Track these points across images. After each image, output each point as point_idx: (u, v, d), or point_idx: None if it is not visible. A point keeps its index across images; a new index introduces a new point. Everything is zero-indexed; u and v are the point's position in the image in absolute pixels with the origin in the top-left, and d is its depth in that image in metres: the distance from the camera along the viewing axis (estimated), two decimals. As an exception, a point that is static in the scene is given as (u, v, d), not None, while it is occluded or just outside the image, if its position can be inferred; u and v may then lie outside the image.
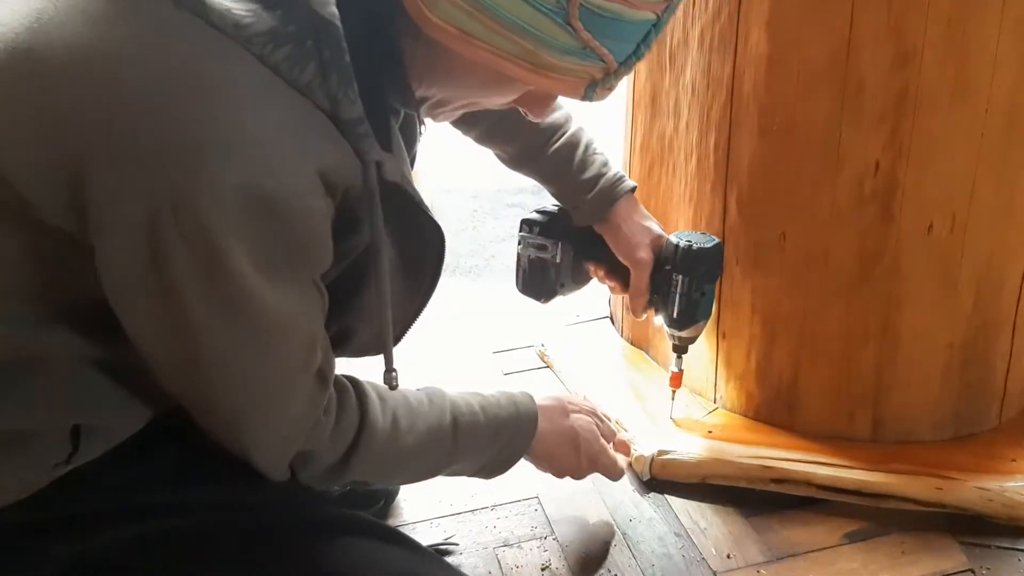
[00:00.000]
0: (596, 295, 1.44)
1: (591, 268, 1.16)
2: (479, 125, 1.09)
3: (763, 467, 1.14)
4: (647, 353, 1.39)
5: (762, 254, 1.15)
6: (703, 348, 1.25)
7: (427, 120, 0.85)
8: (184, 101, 0.62)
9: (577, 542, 1.09)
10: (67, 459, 0.73)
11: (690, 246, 1.09)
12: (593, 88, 0.74)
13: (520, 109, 0.82)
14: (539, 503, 1.15)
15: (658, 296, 1.12)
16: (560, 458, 1.04)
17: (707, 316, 1.14)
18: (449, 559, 1.06)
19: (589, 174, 1.11)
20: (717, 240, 1.12)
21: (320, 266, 0.73)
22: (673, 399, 1.22)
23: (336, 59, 0.67)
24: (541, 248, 1.14)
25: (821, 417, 1.19)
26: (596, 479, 1.18)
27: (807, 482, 1.13)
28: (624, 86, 1.34)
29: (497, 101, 0.80)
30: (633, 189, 1.13)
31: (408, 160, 0.87)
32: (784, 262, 1.14)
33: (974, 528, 1.08)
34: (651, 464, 1.17)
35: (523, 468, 1.20)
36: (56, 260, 0.67)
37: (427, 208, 0.83)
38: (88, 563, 0.74)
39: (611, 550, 1.08)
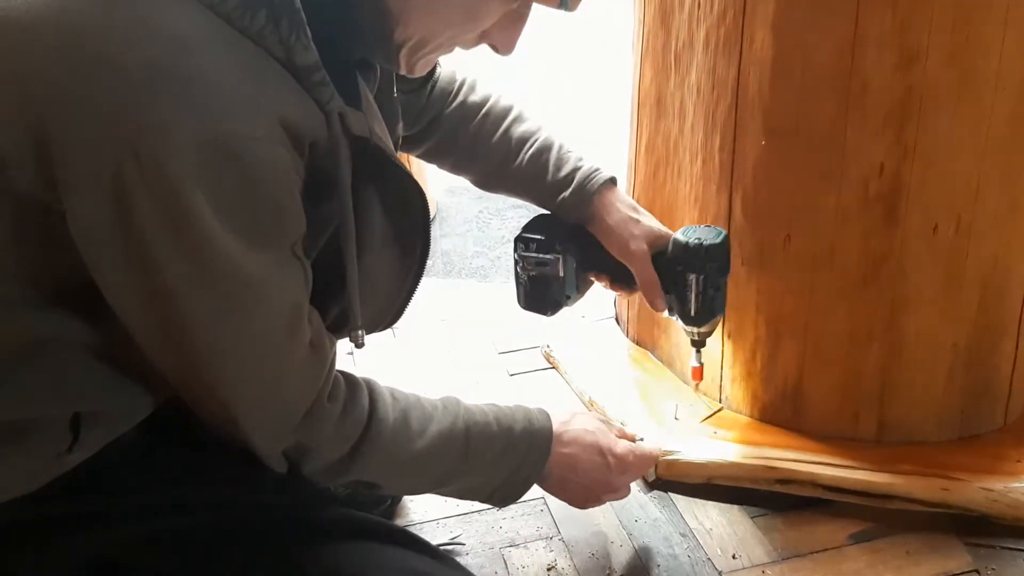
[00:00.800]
0: (601, 296, 1.45)
1: (593, 276, 1.15)
2: (452, 153, 1.10)
3: (768, 467, 1.14)
4: (652, 353, 1.39)
5: (767, 255, 1.15)
6: (709, 348, 1.26)
7: (406, 76, 0.83)
8: (137, 51, 0.62)
9: (583, 542, 1.09)
10: (68, 448, 0.73)
11: (700, 243, 1.06)
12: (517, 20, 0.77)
13: (491, 46, 0.81)
14: (545, 503, 1.15)
15: (673, 296, 1.09)
16: (577, 486, 1.00)
17: (723, 309, 1.12)
18: (454, 558, 1.06)
19: (565, 171, 1.09)
20: (724, 232, 1.08)
21: (293, 231, 0.72)
22: (696, 391, 1.26)
23: (286, 4, 0.67)
24: (542, 264, 1.11)
25: (826, 418, 1.19)
26: (602, 479, 1.19)
27: (812, 483, 1.13)
28: (629, 88, 1.34)
29: (473, 32, 0.79)
30: (612, 180, 1.10)
31: (383, 123, 0.85)
32: (789, 263, 1.14)
33: (979, 529, 1.08)
34: (657, 464, 1.17)
35: (529, 468, 1.21)
36: (42, 239, 0.67)
37: (404, 166, 0.82)
38: (101, 562, 0.74)
39: (617, 551, 1.08)
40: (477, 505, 1.14)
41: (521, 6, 0.78)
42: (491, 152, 1.10)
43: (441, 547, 1.06)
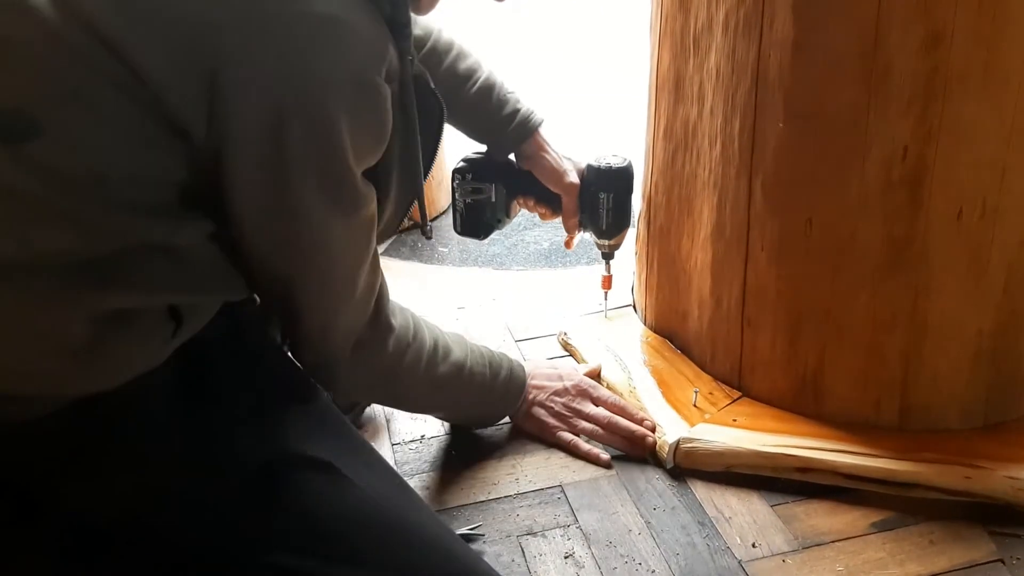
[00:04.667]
0: (620, 283, 1.44)
1: (520, 201, 1.33)
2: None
3: (788, 455, 1.13)
4: (671, 341, 1.38)
5: (788, 240, 1.14)
6: (728, 335, 1.25)
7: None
8: (300, 6, 0.75)
9: (600, 531, 1.09)
10: (173, 333, 0.82)
11: (610, 167, 1.28)
12: None
13: None
14: (562, 492, 1.15)
15: (586, 215, 1.30)
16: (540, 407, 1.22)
17: (629, 224, 1.33)
18: (473, 546, 1.06)
19: (507, 110, 1.25)
20: (629, 159, 1.30)
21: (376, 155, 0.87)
22: (606, 299, 1.44)
23: None
24: (477, 192, 1.28)
25: (847, 405, 1.18)
26: (620, 469, 1.18)
27: (833, 471, 1.12)
28: (647, 71, 1.32)
29: None
30: (542, 122, 1.27)
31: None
32: (810, 249, 1.12)
33: (1003, 518, 1.06)
34: (675, 452, 1.16)
35: (546, 458, 1.20)
36: (174, 152, 0.76)
37: (437, 91, 0.98)
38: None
39: (635, 539, 1.07)
40: (495, 494, 1.14)
41: None
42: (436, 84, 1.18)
43: (461, 536, 1.06)
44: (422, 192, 0.98)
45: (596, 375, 1.32)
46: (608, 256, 1.37)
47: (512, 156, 1.28)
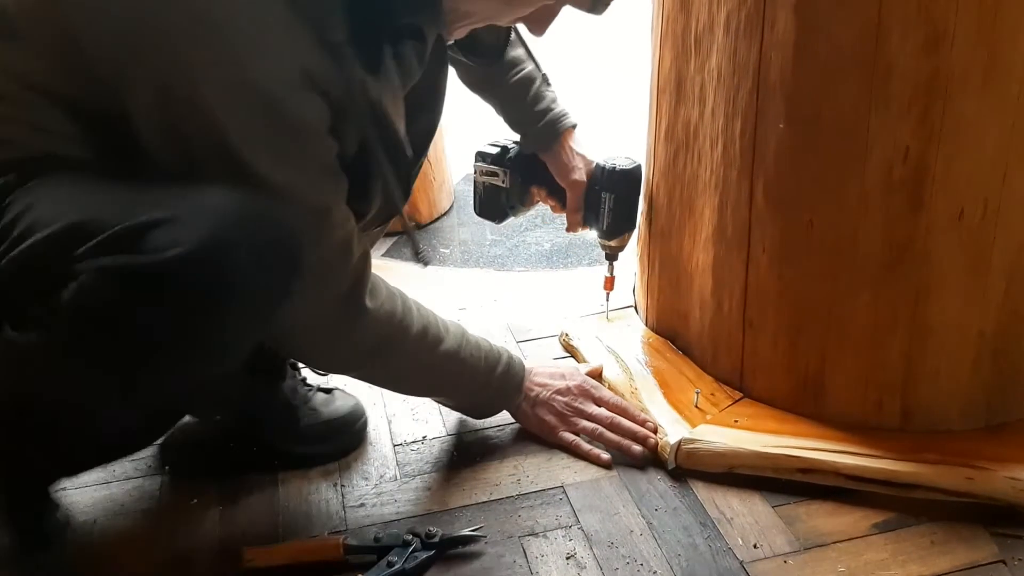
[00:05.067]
0: (621, 284, 1.44)
1: (535, 191, 1.35)
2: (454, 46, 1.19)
3: (790, 456, 1.13)
4: (672, 342, 1.38)
5: (789, 242, 1.14)
6: (729, 336, 1.25)
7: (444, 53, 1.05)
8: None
9: (602, 532, 1.09)
10: None
11: (615, 167, 1.29)
12: (599, 2, 0.94)
13: (525, 26, 0.99)
14: (564, 492, 1.15)
15: (591, 213, 1.32)
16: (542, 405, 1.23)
17: (632, 227, 1.35)
18: (474, 547, 1.06)
19: (540, 107, 1.29)
20: (637, 162, 1.31)
21: (321, 154, 0.92)
22: (607, 300, 1.43)
23: None
24: (492, 175, 1.32)
25: (849, 406, 1.18)
26: (621, 470, 1.18)
27: (835, 471, 1.12)
28: (648, 73, 1.32)
29: (514, 16, 0.97)
30: (575, 126, 1.32)
31: (401, 90, 1.01)
32: (811, 250, 1.12)
33: (1005, 519, 1.06)
34: (677, 453, 1.16)
35: (548, 459, 1.20)
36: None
37: (400, 138, 0.99)
38: None
39: (636, 540, 1.07)
40: (496, 495, 1.14)
41: (556, 4, 0.95)
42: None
43: (461, 537, 1.06)
44: (399, 207, 1.00)
45: (598, 375, 1.32)
46: (611, 257, 1.39)
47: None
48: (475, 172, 1.34)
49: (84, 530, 1.10)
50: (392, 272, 1.73)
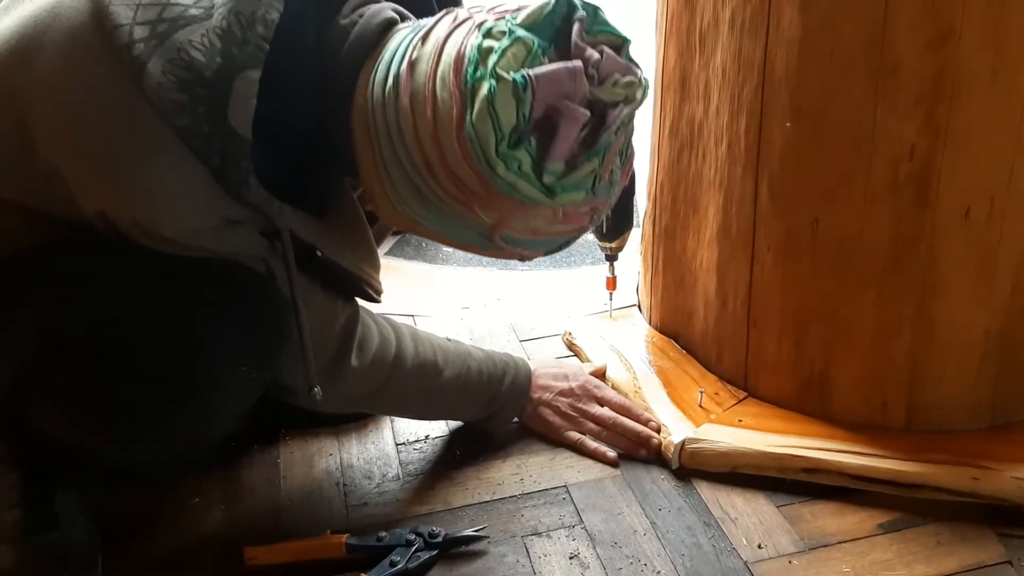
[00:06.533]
0: (624, 283, 1.43)
1: None
2: None
3: (794, 456, 1.13)
4: (676, 341, 1.37)
5: (794, 240, 1.13)
6: (734, 336, 1.24)
7: None
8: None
9: (605, 531, 1.08)
10: None
11: None
12: (526, 259, 0.94)
13: None
14: (567, 492, 1.14)
15: None
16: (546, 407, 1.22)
17: (630, 227, 1.33)
18: (477, 547, 1.06)
19: None
20: None
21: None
22: (611, 300, 1.42)
23: (234, 161, 0.80)
24: None
25: (854, 406, 1.17)
26: (625, 469, 1.17)
27: (839, 471, 1.11)
28: (652, 70, 1.32)
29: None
30: None
31: (359, 224, 1.01)
32: (816, 248, 1.12)
33: (1012, 519, 1.06)
34: (680, 453, 1.16)
35: (551, 458, 1.20)
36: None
37: (350, 273, 0.99)
38: None
39: (640, 539, 1.07)
40: (499, 494, 1.14)
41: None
42: None
43: (464, 537, 1.06)
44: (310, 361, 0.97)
45: (601, 375, 1.31)
46: (611, 258, 1.37)
47: None
48: None
49: (86, 529, 1.10)
50: (396, 272, 1.73)
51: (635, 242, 1.41)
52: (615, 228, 1.31)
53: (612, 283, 1.40)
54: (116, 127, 0.79)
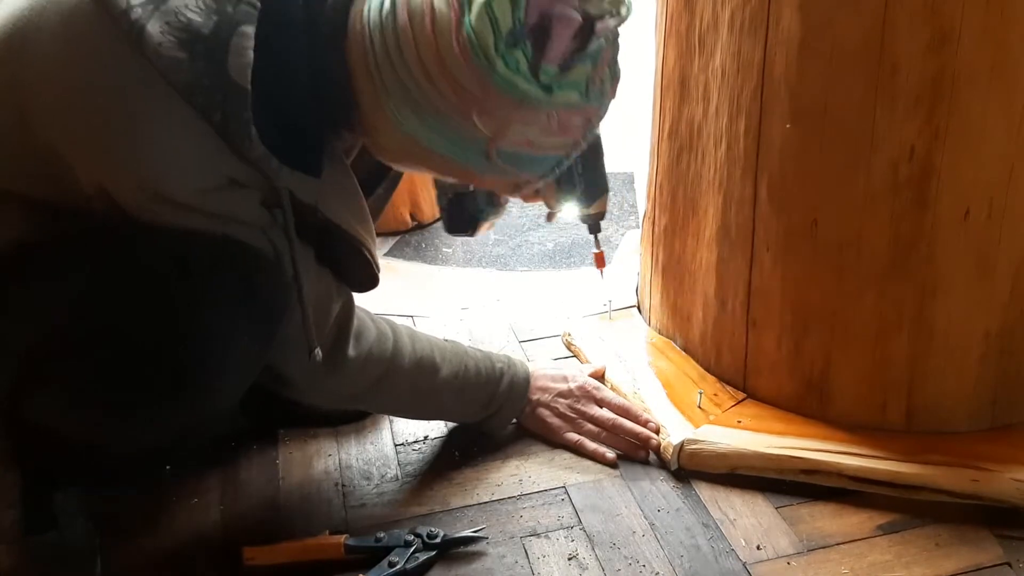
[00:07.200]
0: (624, 284, 1.43)
1: None
2: None
3: (793, 457, 1.12)
4: (675, 342, 1.37)
5: (793, 241, 1.13)
6: (733, 337, 1.24)
7: None
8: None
9: (604, 532, 1.08)
10: None
11: None
12: (521, 189, 0.99)
13: None
14: (566, 493, 1.14)
15: (562, 186, 1.18)
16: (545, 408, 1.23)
17: (606, 187, 1.24)
18: (476, 548, 1.06)
19: None
20: None
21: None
22: (602, 278, 1.37)
23: (235, 114, 0.82)
24: (453, 186, 1.22)
25: (853, 407, 1.17)
26: (624, 470, 1.17)
27: (839, 473, 1.11)
28: (651, 71, 1.32)
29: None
30: None
31: (356, 193, 1.03)
32: (816, 249, 1.12)
33: (1011, 521, 1.06)
34: (679, 454, 1.16)
35: (550, 459, 1.20)
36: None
37: (353, 235, 1.00)
38: None
39: (638, 540, 1.07)
40: (498, 495, 1.14)
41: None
42: None
43: (463, 538, 1.06)
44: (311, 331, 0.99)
45: (600, 376, 1.31)
46: (594, 228, 1.29)
47: None
48: (437, 189, 1.27)
49: (85, 529, 1.09)
50: (395, 272, 1.73)
51: (634, 243, 1.40)
52: (590, 189, 1.22)
53: (600, 259, 1.35)
54: (117, 88, 0.81)
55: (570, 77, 0.85)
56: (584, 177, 1.21)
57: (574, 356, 1.42)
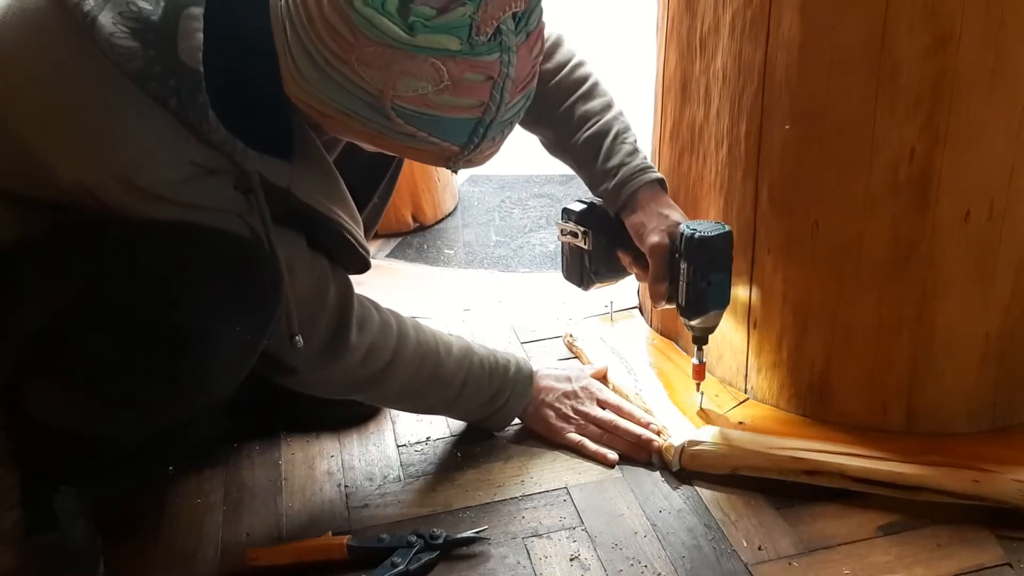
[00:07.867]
0: (625, 285, 1.43)
1: (620, 256, 1.21)
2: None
3: (795, 458, 1.13)
4: (676, 343, 1.38)
5: (794, 243, 1.13)
6: (734, 338, 1.24)
7: None
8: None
9: (606, 533, 1.08)
10: None
11: (694, 234, 1.09)
12: (455, 162, 0.89)
13: None
14: (568, 494, 1.14)
15: (672, 285, 1.14)
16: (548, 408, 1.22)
17: (719, 306, 1.14)
18: (478, 548, 1.06)
19: (612, 163, 1.17)
20: (726, 228, 1.10)
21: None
22: (699, 391, 1.22)
23: (191, 97, 0.82)
24: (574, 235, 1.20)
25: (854, 408, 1.17)
26: (626, 471, 1.18)
27: (840, 474, 1.11)
28: (653, 73, 1.32)
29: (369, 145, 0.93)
30: (659, 180, 1.18)
31: (332, 175, 1.00)
32: (817, 251, 1.12)
33: (1012, 521, 1.06)
34: (681, 455, 1.16)
35: (552, 460, 1.20)
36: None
37: (332, 217, 0.97)
38: None
39: (640, 541, 1.07)
40: (501, 495, 1.14)
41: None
42: (553, 123, 1.20)
43: (465, 538, 1.06)
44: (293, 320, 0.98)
45: (602, 377, 1.31)
46: (698, 340, 1.17)
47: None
48: (559, 231, 1.23)
49: (86, 530, 1.10)
50: (396, 274, 1.73)
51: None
52: (693, 303, 1.12)
53: (699, 372, 1.19)
54: (74, 83, 0.82)
55: (445, 18, 0.79)
56: (690, 286, 1.11)
57: (576, 357, 1.43)
